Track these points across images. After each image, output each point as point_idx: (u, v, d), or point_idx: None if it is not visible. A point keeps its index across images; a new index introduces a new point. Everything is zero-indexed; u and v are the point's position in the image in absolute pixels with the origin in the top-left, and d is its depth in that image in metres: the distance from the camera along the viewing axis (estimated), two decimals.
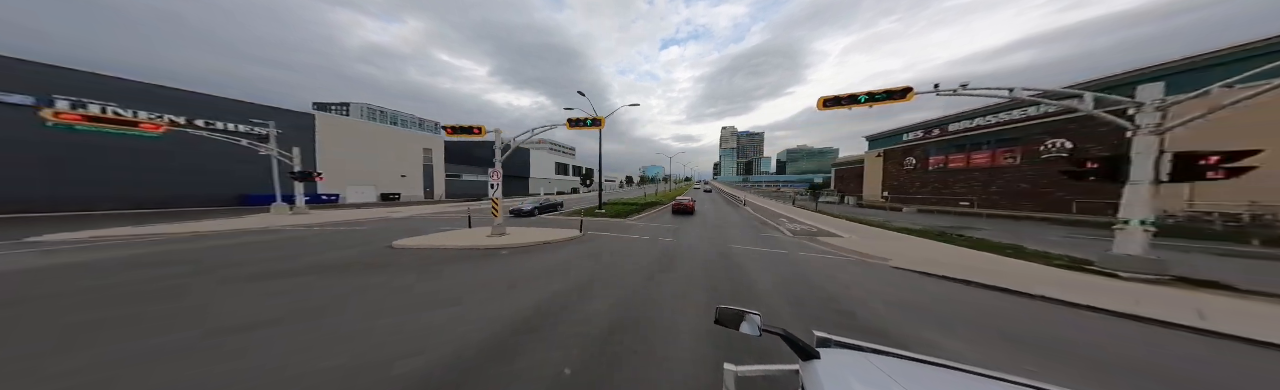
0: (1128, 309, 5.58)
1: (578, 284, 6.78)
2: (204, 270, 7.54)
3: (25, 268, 7.65)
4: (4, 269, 7.51)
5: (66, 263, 8.16)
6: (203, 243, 11.15)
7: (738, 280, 7.36)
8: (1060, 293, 6.39)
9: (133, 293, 5.96)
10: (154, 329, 4.44)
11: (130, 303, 5.46)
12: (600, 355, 3.87)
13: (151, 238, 12.02)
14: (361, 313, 5.11)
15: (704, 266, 8.57)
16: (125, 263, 8.23)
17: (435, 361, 3.66)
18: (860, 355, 1.52)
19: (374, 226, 16.20)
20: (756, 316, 1.69)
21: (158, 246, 10.42)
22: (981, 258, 9.79)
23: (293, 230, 14.48)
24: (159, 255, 9.16)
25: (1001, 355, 4.21)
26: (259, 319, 4.80)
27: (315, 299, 5.75)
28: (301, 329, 4.50)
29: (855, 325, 4.98)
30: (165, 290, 6.10)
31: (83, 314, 4.94)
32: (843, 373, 1.34)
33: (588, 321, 4.85)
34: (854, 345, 1.67)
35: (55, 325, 4.56)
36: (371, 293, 6.10)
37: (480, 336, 4.29)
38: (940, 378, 1.36)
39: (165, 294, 5.90)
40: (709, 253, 10.69)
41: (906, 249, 11.20)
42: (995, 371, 1.35)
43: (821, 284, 7.20)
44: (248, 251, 9.81)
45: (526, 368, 3.57)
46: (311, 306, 5.36)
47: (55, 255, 8.93)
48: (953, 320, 5.27)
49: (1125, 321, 5.31)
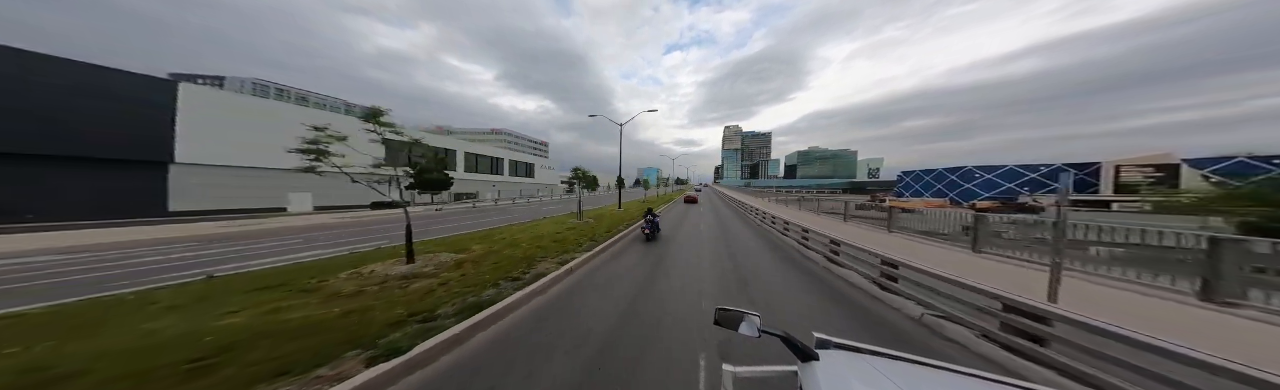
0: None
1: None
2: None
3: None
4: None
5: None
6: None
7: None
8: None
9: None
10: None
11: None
12: None
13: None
14: None
15: None
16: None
17: None
18: (859, 357, 1.53)
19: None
20: (756, 318, 1.70)
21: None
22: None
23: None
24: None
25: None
26: None
27: None
28: None
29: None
30: None
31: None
32: (841, 374, 1.35)
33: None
34: (853, 347, 1.68)
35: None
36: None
37: None
38: (939, 380, 1.38)
39: None
40: None
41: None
42: (994, 374, 1.38)
43: None
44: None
45: None
46: None
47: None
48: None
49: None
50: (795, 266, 8.98)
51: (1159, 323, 4.41)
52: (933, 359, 1.51)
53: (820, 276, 7.92)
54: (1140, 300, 5.26)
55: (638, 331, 4.66)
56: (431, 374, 3.65)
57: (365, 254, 10.33)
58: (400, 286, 6.53)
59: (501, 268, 8.16)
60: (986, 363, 3.86)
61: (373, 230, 17.52)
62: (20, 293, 7.14)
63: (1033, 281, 5.46)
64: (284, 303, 5.47)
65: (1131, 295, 5.46)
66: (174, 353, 3.70)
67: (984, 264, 7.70)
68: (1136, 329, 2.84)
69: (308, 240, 14.40)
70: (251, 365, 3.48)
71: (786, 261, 9.59)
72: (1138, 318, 4.48)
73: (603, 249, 10.64)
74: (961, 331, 4.47)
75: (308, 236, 15.41)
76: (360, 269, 8.02)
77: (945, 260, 7.86)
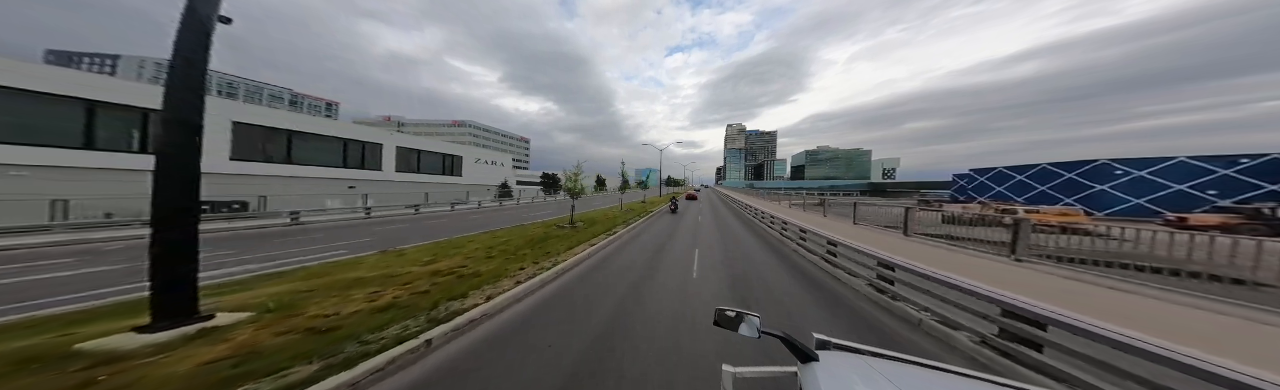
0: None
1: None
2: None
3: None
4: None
5: None
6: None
7: None
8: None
9: None
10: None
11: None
12: None
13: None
14: None
15: None
16: None
17: None
18: (859, 358, 1.53)
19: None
20: (756, 318, 1.67)
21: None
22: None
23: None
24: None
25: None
26: None
27: None
28: None
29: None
30: None
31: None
32: (841, 375, 1.34)
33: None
34: (853, 348, 1.67)
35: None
36: None
37: None
38: (938, 381, 1.38)
39: None
40: None
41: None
42: (993, 375, 1.39)
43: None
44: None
45: None
46: None
47: None
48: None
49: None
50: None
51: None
52: (932, 361, 1.51)
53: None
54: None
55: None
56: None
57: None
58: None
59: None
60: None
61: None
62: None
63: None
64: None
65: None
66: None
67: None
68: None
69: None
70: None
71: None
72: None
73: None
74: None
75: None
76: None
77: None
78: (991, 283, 4.52)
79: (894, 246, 8.81)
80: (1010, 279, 5.98)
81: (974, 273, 5.87)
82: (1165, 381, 2.72)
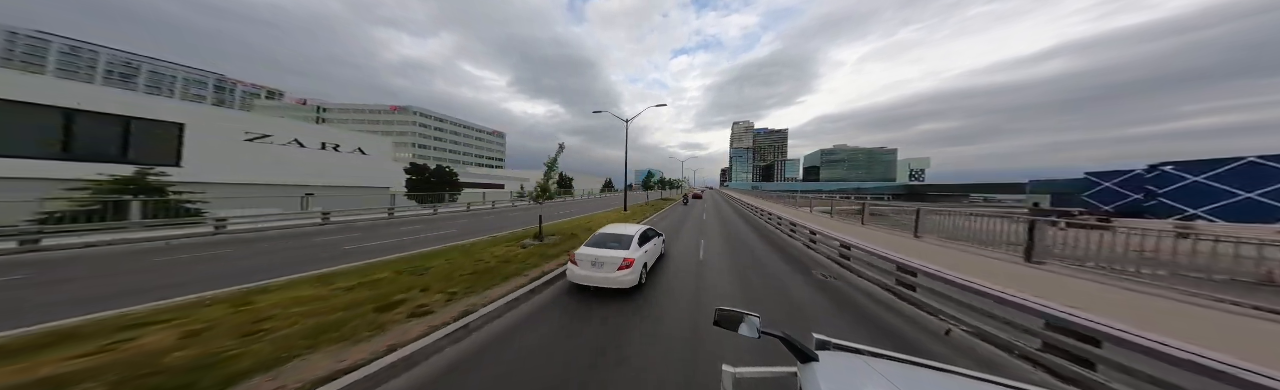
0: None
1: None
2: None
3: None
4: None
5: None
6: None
7: None
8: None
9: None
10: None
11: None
12: None
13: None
14: None
15: None
16: None
17: None
18: (858, 358, 1.51)
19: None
20: (755, 318, 1.66)
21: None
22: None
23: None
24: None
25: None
26: None
27: None
28: None
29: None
30: None
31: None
32: (841, 375, 1.33)
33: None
34: (852, 348, 1.65)
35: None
36: None
37: None
38: (937, 380, 1.36)
39: None
40: None
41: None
42: (991, 375, 1.38)
43: None
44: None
45: None
46: None
47: None
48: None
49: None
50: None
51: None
52: (931, 362, 1.51)
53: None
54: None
55: None
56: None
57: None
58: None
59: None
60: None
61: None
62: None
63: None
64: None
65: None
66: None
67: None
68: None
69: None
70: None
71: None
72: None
73: None
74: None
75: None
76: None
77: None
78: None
79: (1046, 288, 3.89)
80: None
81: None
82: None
